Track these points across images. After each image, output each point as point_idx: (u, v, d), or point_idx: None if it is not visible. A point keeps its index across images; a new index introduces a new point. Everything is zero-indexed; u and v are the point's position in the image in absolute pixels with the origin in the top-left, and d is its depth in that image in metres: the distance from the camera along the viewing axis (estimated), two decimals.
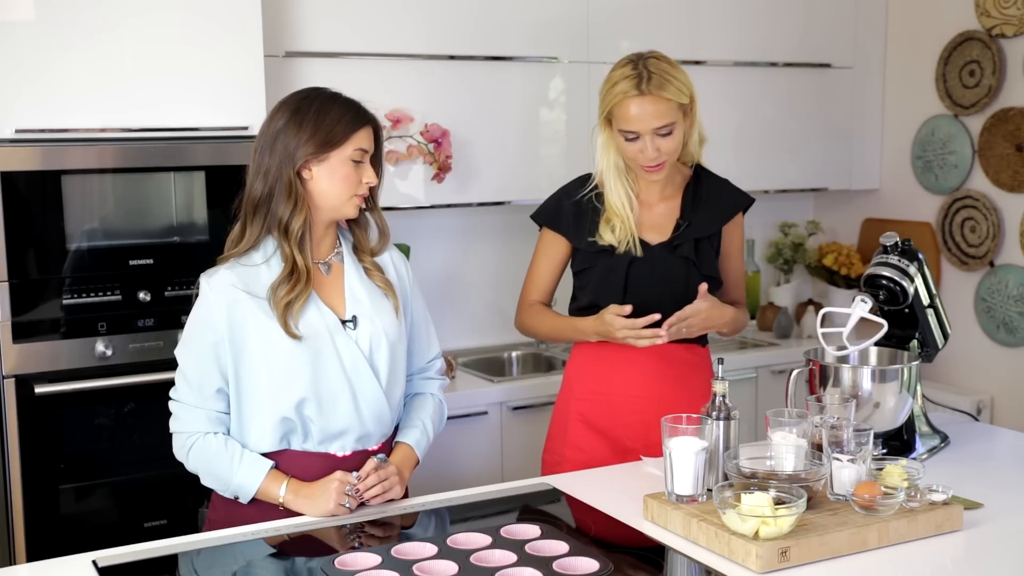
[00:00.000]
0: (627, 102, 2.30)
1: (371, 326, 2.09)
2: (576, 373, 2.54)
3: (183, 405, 2.06)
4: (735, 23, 3.87)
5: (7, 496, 2.73)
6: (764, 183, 4.00)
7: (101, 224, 2.78)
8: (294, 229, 2.03)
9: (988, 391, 3.87)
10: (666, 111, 2.30)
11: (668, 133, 2.32)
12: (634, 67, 2.32)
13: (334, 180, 2.04)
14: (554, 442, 2.57)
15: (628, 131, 2.32)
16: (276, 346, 2.00)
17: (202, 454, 2.03)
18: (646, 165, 2.36)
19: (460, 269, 3.85)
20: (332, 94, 2.08)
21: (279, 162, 2.02)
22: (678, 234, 2.45)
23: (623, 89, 2.30)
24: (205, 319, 2.02)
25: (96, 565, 1.80)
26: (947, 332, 2.47)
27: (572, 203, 2.49)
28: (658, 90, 2.29)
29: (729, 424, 1.98)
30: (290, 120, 2.03)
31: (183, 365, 2.06)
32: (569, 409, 2.52)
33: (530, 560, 1.71)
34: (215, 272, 2.05)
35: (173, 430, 2.08)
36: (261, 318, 2.00)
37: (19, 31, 2.65)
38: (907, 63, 4.10)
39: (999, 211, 3.79)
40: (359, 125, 2.05)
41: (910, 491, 1.88)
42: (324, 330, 2.04)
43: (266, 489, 2.01)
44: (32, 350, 2.71)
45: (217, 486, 2.06)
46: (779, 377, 3.77)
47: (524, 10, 3.53)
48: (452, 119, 3.41)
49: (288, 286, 2.01)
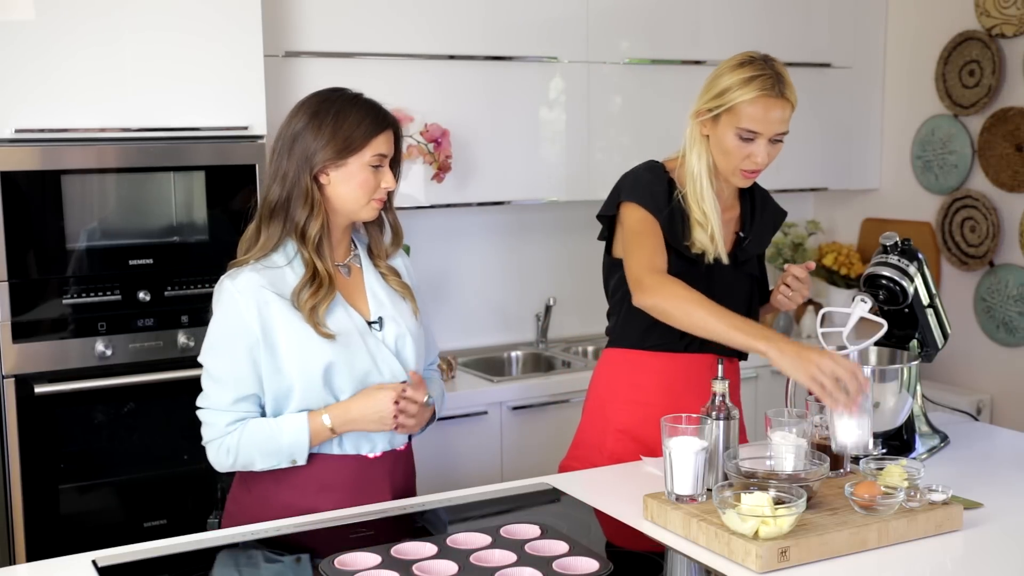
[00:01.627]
0: (761, 100, 2.19)
1: (396, 327, 2.09)
2: (609, 381, 2.44)
3: (215, 411, 2.01)
4: (735, 23, 3.87)
5: (7, 496, 2.73)
6: (764, 183, 3.95)
7: (101, 224, 2.78)
8: (311, 234, 2.01)
9: (988, 391, 3.87)
10: (787, 118, 2.23)
11: (780, 140, 2.25)
12: (764, 67, 2.21)
13: (352, 185, 2.02)
14: (586, 449, 2.46)
15: (751, 131, 2.20)
16: (310, 347, 1.98)
17: (244, 444, 1.98)
18: (748, 170, 2.25)
19: (460, 269, 3.85)
20: (352, 96, 2.04)
21: (297, 166, 2.00)
22: (740, 248, 2.38)
23: (760, 86, 2.18)
24: (236, 322, 1.98)
25: (96, 565, 1.80)
26: (947, 332, 2.47)
27: (663, 198, 2.29)
28: (789, 94, 2.22)
29: (729, 424, 1.97)
30: (309, 123, 2.00)
31: (216, 371, 2.00)
32: (607, 420, 2.42)
33: (530, 560, 1.71)
34: (239, 274, 2.00)
35: (209, 439, 2.02)
36: (292, 319, 1.98)
37: (19, 31, 2.65)
38: (907, 63, 4.10)
39: (999, 211, 3.79)
40: (379, 130, 2.02)
41: (910, 491, 1.88)
42: (354, 331, 2.03)
43: (317, 432, 1.99)
44: (32, 350, 2.71)
45: (273, 462, 2.00)
46: (779, 377, 3.76)
47: (524, 10, 3.53)
48: (452, 119, 3.41)
49: (311, 290, 1.99)
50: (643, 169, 2.36)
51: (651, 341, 2.36)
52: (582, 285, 3.86)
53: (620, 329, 2.42)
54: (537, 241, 3.99)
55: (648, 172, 2.34)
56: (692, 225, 2.29)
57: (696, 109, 2.29)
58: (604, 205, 2.39)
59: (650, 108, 3.73)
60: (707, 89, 2.27)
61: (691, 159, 2.30)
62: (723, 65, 2.26)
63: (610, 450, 2.40)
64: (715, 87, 2.25)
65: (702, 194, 2.28)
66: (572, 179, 3.68)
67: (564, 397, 3.42)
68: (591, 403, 2.50)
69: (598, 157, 3.70)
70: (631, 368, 2.41)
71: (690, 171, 2.30)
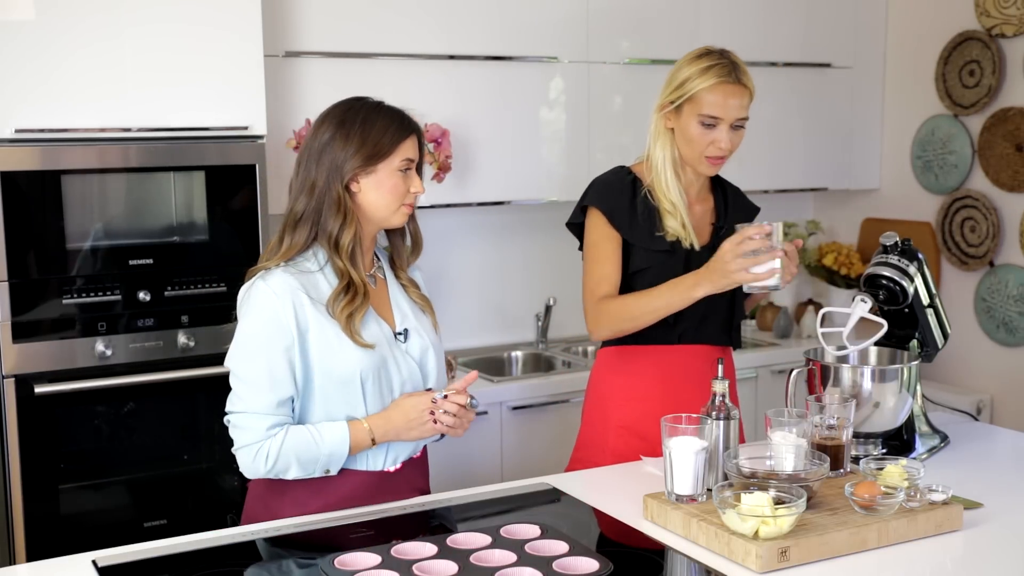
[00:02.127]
0: (720, 87, 2.28)
1: (420, 339, 2.10)
2: (607, 380, 2.46)
3: (250, 415, 1.95)
4: (735, 23, 3.87)
5: (7, 496, 2.73)
6: (764, 183, 4.00)
7: (101, 224, 2.78)
8: (344, 244, 2.00)
9: (988, 391, 3.87)
10: (746, 104, 2.33)
11: (741, 127, 2.33)
12: (720, 56, 2.32)
13: (382, 191, 2.01)
14: (589, 450, 2.47)
15: (713, 116, 2.29)
16: (343, 355, 1.97)
17: (283, 451, 1.95)
18: (713, 156, 2.32)
19: (460, 269, 3.85)
20: (376, 103, 2.05)
21: (327, 176, 1.99)
22: (719, 237, 2.39)
23: (718, 74, 2.28)
24: (273, 323, 1.94)
25: (96, 565, 1.80)
26: (947, 332, 2.47)
27: (627, 198, 2.38)
28: (746, 81, 2.32)
29: (729, 424, 1.98)
30: (336, 133, 2.00)
31: (250, 374, 1.96)
32: (608, 419, 2.44)
33: (530, 560, 1.71)
34: (270, 275, 1.97)
35: (241, 444, 1.96)
36: (326, 325, 1.97)
37: (19, 31, 2.65)
38: (907, 63, 4.10)
39: (999, 211, 3.79)
40: (405, 135, 2.02)
41: (910, 491, 1.88)
42: (384, 342, 2.03)
43: (357, 441, 1.98)
44: (32, 350, 2.71)
45: (307, 471, 1.98)
46: (779, 377, 3.77)
47: (524, 10, 3.53)
48: (452, 119, 3.41)
49: (346, 299, 1.98)
50: (607, 174, 2.45)
51: (644, 335, 2.38)
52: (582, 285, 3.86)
53: None
54: (537, 241, 3.99)
55: (611, 175, 2.44)
56: (663, 215, 2.36)
57: (659, 103, 2.38)
58: (572, 214, 2.46)
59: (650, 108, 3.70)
60: (668, 83, 2.37)
61: (655, 152, 2.38)
62: (682, 59, 2.37)
63: (612, 448, 2.41)
64: (675, 80, 2.35)
65: (667, 184, 2.36)
66: (572, 179, 3.67)
67: (564, 397, 3.42)
68: (590, 403, 2.51)
69: (598, 157, 3.70)
70: (627, 365, 2.43)
71: (655, 163, 2.38)
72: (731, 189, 2.54)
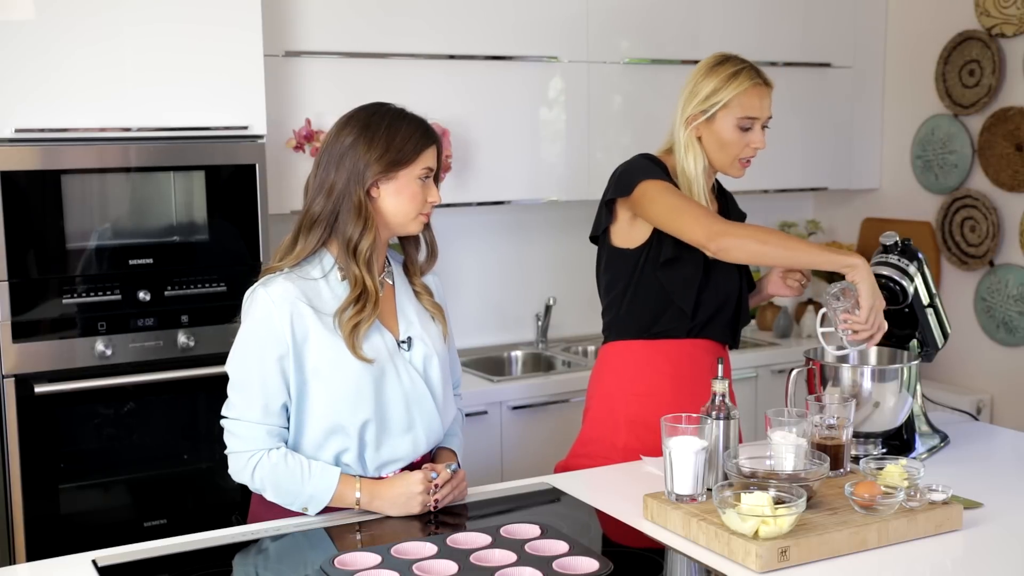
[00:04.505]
0: (755, 90, 2.36)
1: (424, 347, 2.07)
2: (614, 375, 2.46)
3: (242, 422, 1.96)
4: (735, 23, 3.87)
5: (7, 496, 2.73)
6: (764, 182, 4.00)
7: (101, 224, 2.78)
8: (363, 249, 1.98)
9: (988, 391, 3.87)
10: (771, 103, 2.40)
11: (767, 126, 2.41)
12: (740, 61, 2.39)
13: (401, 198, 2.01)
14: (595, 446, 2.46)
15: (751, 118, 2.36)
16: (342, 366, 1.96)
17: (269, 471, 1.95)
18: (747, 158, 2.40)
19: (460, 269, 3.85)
20: (399, 110, 2.04)
21: (347, 179, 1.98)
22: None
23: (749, 77, 2.36)
24: (268, 331, 1.94)
25: (96, 565, 1.80)
26: (947, 332, 2.47)
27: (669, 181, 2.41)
28: (770, 80, 2.40)
29: (729, 424, 1.98)
30: (360, 136, 1.98)
31: (243, 380, 1.97)
32: (617, 414, 2.43)
33: (530, 560, 1.71)
34: (271, 281, 1.96)
35: (233, 450, 1.97)
36: (325, 335, 1.96)
37: (19, 31, 2.65)
38: (907, 63, 4.10)
39: (999, 211, 3.79)
40: (427, 144, 2.02)
41: (910, 491, 1.88)
42: (385, 352, 2.01)
43: (341, 495, 1.96)
44: (32, 350, 2.71)
45: (285, 501, 1.98)
46: (779, 377, 3.77)
47: (524, 10, 3.53)
48: (452, 119, 3.41)
49: (356, 308, 1.97)
50: (644, 158, 2.45)
51: (658, 328, 2.40)
52: (582, 285, 3.85)
53: (622, 321, 2.44)
54: (537, 241, 3.99)
55: (650, 161, 2.44)
56: None
57: (685, 116, 2.39)
58: (611, 191, 2.42)
59: (650, 108, 3.73)
60: (692, 95, 2.40)
61: (688, 163, 2.40)
62: (698, 71, 2.41)
63: (623, 444, 2.41)
64: (701, 91, 2.38)
65: (700, 192, 2.40)
66: (572, 179, 3.68)
67: (564, 397, 3.43)
68: (596, 399, 2.49)
69: (598, 157, 3.70)
70: (636, 359, 2.42)
71: (688, 173, 2.40)
72: (729, 194, 2.58)
